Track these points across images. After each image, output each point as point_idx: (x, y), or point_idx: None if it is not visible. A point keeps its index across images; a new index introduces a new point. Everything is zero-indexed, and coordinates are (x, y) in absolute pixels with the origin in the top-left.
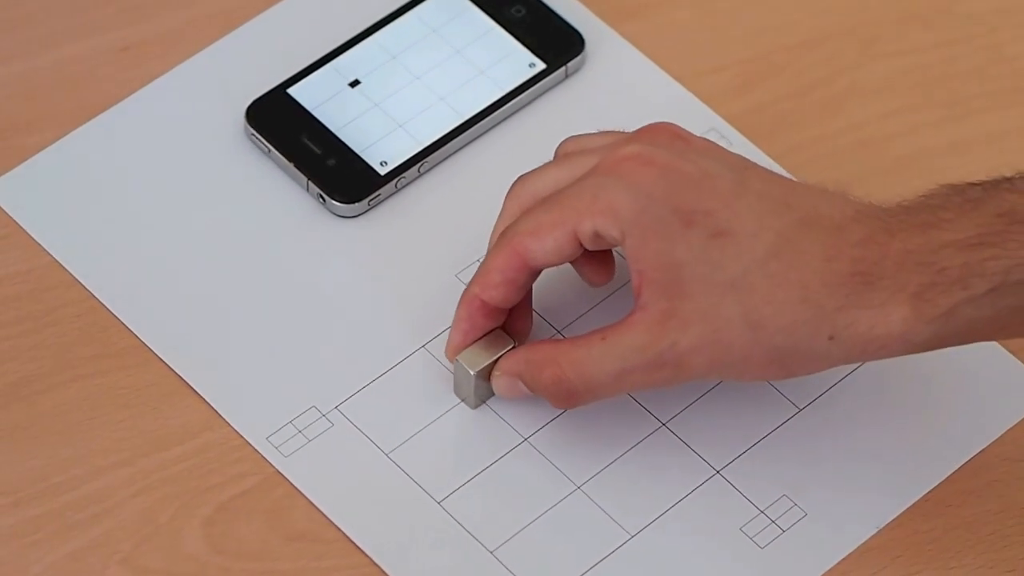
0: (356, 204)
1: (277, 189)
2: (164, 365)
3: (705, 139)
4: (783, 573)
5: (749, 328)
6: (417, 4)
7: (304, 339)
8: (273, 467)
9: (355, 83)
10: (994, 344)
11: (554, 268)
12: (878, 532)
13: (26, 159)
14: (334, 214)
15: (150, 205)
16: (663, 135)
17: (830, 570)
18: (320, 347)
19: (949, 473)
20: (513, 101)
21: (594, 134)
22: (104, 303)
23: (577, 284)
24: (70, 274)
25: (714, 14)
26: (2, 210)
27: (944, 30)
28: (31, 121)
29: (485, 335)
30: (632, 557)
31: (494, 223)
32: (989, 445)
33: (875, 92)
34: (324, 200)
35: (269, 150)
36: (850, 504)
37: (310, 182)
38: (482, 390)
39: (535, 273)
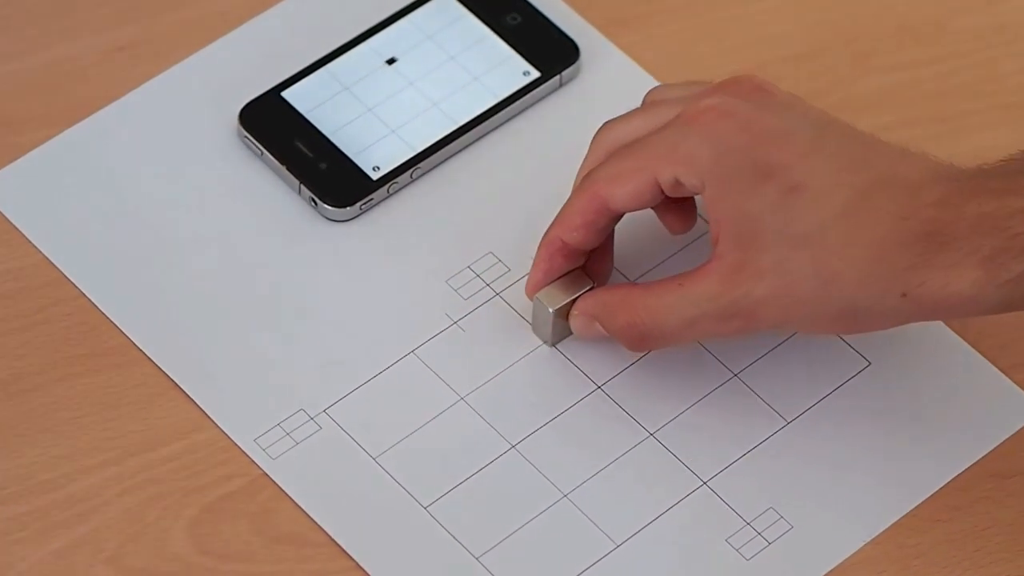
0: (348, 208)
1: (269, 192)
2: (153, 365)
3: (788, 92)
4: None
5: (821, 282)
6: (412, 10)
7: (293, 342)
8: (260, 469)
9: (392, 60)
10: (983, 360)
11: (637, 214)
12: (864, 546)
13: (18, 157)
14: (326, 218)
15: (142, 205)
16: (746, 87)
17: None
18: (309, 350)
19: (936, 489)
20: (507, 109)
21: (679, 84)
22: (94, 302)
23: (659, 231)
24: (61, 272)
25: (709, 25)
26: None
27: (938, 46)
28: (24, 119)
29: (565, 275)
30: (617, 567)
31: (577, 168)
32: (977, 461)
33: (868, 106)
34: (316, 204)
35: (262, 152)
36: (836, 517)
37: (302, 185)
38: (559, 328)
39: (615, 217)
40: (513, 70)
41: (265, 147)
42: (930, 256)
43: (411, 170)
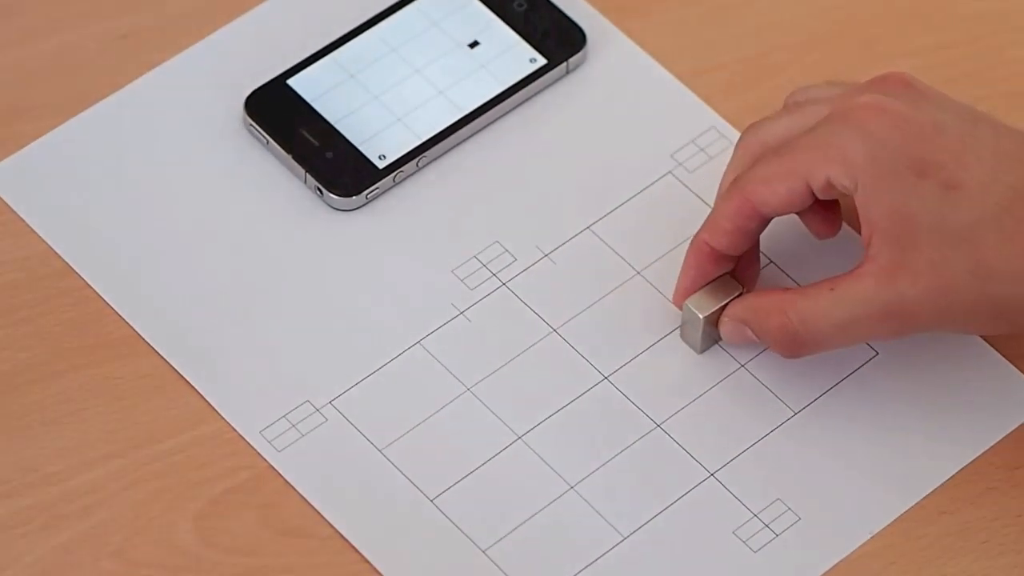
0: (354, 197)
1: (275, 181)
2: (159, 356)
3: (937, 90)
4: None
5: (978, 281)
6: None
7: (299, 333)
8: (266, 461)
9: (474, 44)
10: (991, 351)
11: (783, 218)
12: (872, 538)
13: (23, 146)
14: (331, 207)
15: (147, 194)
16: (896, 84)
17: (823, 575)
18: (315, 341)
19: (944, 480)
20: (513, 96)
21: (823, 83)
22: (99, 293)
23: (804, 235)
24: (65, 263)
25: (715, 12)
26: None
27: (945, 32)
28: (28, 108)
29: (713, 280)
30: (624, 559)
31: (724, 173)
32: (984, 452)
33: None
34: (322, 193)
35: (267, 141)
36: (844, 509)
37: (308, 174)
38: (709, 335)
39: (765, 222)
40: (520, 57)
41: (271, 136)
42: None
43: (417, 159)
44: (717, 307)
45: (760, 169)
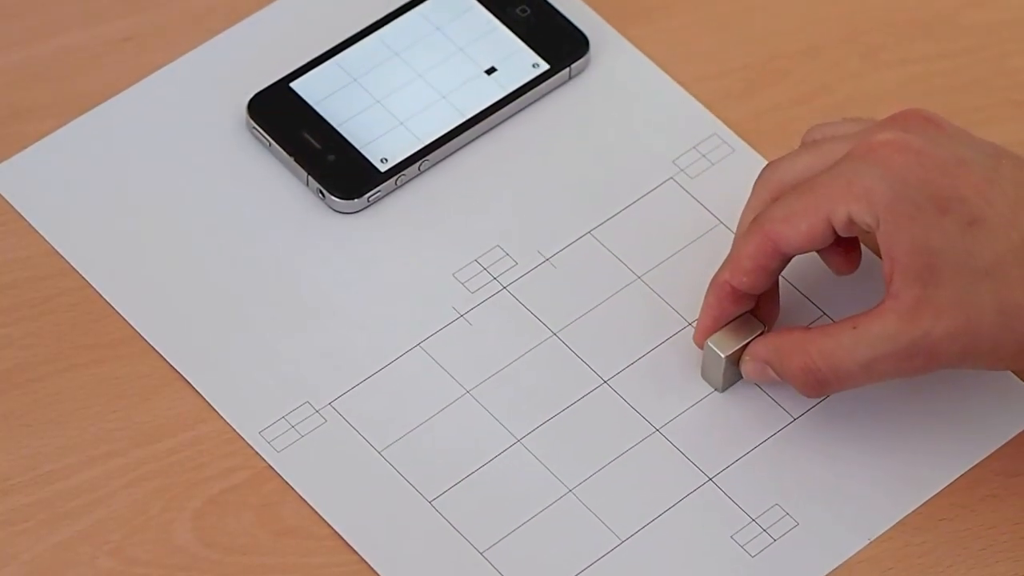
0: (355, 200)
1: (277, 183)
2: (159, 356)
3: (956, 125)
4: None
5: (1003, 317)
6: (421, 2)
7: (300, 334)
8: (265, 462)
9: (491, 71)
10: None
11: (802, 256)
12: (869, 544)
13: (26, 147)
14: (333, 210)
15: (149, 196)
16: (915, 120)
17: None
18: (316, 343)
19: (942, 486)
20: (515, 101)
21: (841, 120)
22: (100, 292)
23: (824, 272)
24: (67, 262)
25: (718, 18)
26: (0, 197)
27: (947, 41)
28: (31, 109)
29: (734, 320)
30: (622, 562)
31: (742, 212)
32: (983, 459)
33: (876, 101)
34: (324, 195)
35: (270, 144)
36: (842, 515)
37: (310, 177)
38: (731, 374)
39: (786, 260)
40: (522, 63)
41: (273, 138)
42: None
43: (419, 162)
44: (739, 346)
45: (781, 207)
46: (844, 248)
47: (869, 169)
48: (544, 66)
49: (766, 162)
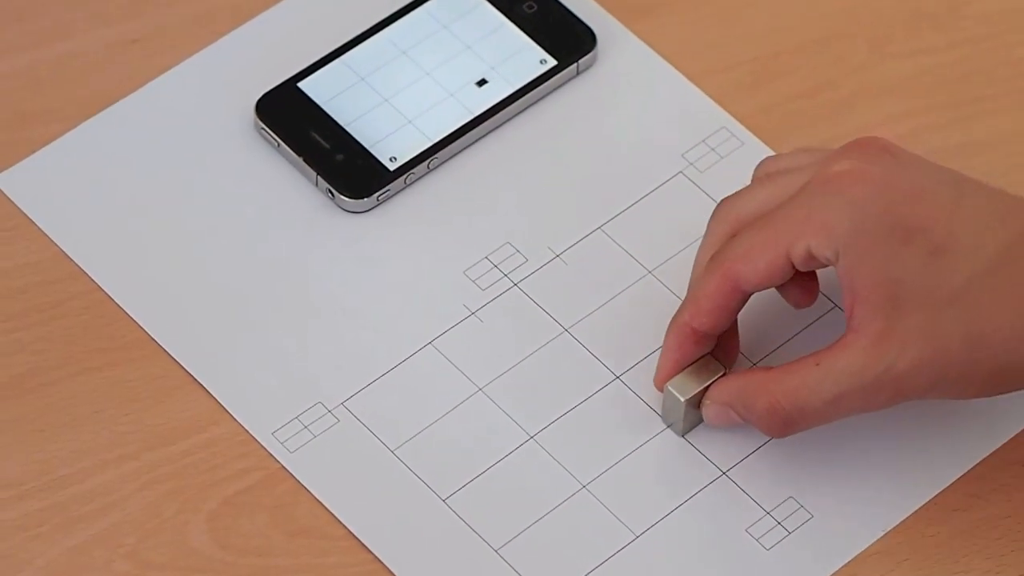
0: (365, 199)
1: (286, 183)
2: (170, 359)
3: (913, 153)
4: (788, 575)
5: (970, 345)
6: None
7: (311, 334)
8: (278, 463)
9: (482, 82)
10: None
11: (759, 293)
12: (884, 535)
13: (35, 151)
14: (343, 209)
15: (158, 198)
16: (873, 149)
17: (835, 573)
18: (327, 343)
19: (957, 477)
20: (524, 98)
21: (795, 152)
22: (111, 296)
23: (782, 308)
24: (77, 266)
25: (725, 13)
26: (10, 202)
27: (954, 31)
28: (40, 113)
29: (694, 362)
30: (637, 557)
31: (697, 250)
32: (997, 449)
33: (885, 93)
34: (333, 195)
35: (278, 144)
36: (857, 507)
37: (319, 177)
38: (692, 417)
39: (746, 297)
40: (530, 59)
41: (282, 139)
42: None
43: (428, 160)
44: (699, 389)
45: (738, 244)
46: (802, 281)
47: (827, 201)
48: (552, 62)
49: (759, 157)
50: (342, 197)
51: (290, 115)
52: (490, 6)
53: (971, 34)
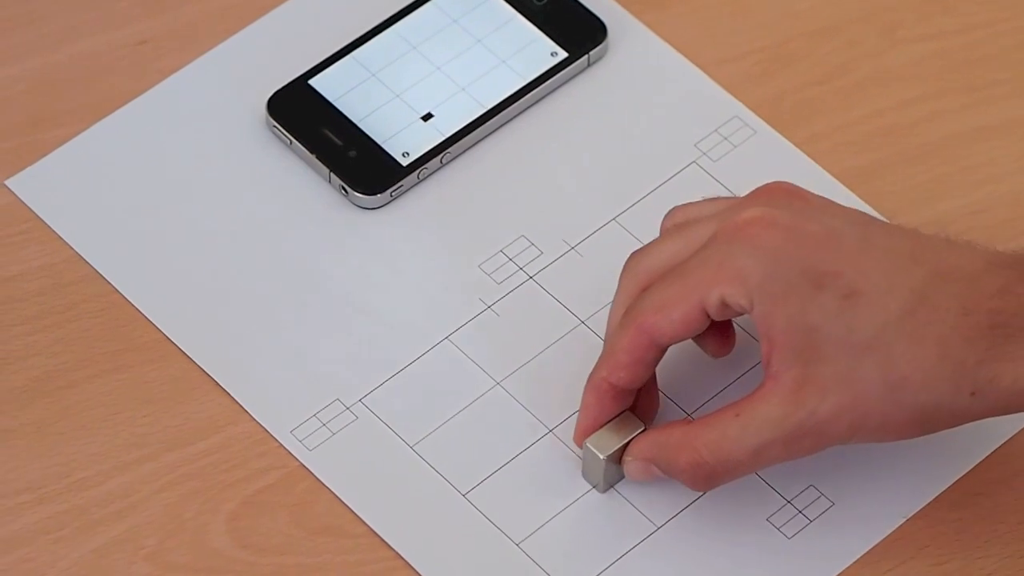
0: (378, 195)
1: (299, 181)
2: (187, 359)
3: (821, 196)
4: (810, 563)
5: (889, 389)
6: None
7: (327, 331)
8: (297, 461)
9: (428, 116)
10: None
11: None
12: (905, 522)
13: (47, 154)
14: (356, 206)
15: (172, 198)
16: (779, 194)
17: (857, 560)
18: (343, 340)
19: (977, 462)
20: (535, 91)
21: (702, 201)
22: (127, 297)
23: (698, 358)
24: (92, 268)
25: (736, 1)
26: (24, 205)
27: (966, 15)
28: (51, 116)
29: (613, 418)
30: (658, 549)
31: (611, 305)
32: (1016, 434)
33: (898, 78)
34: (346, 192)
35: (291, 142)
36: (877, 494)
37: (332, 174)
38: (612, 474)
39: (662, 350)
40: (540, 51)
41: (294, 136)
42: (997, 350)
43: (441, 155)
44: (618, 446)
45: (651, 297)
46: (718, 330)
47: (738, 249)
48: (563, 54)
49: (788, 144)
50: (355, 193)
51: (302, 113)
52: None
53: (983, 18)
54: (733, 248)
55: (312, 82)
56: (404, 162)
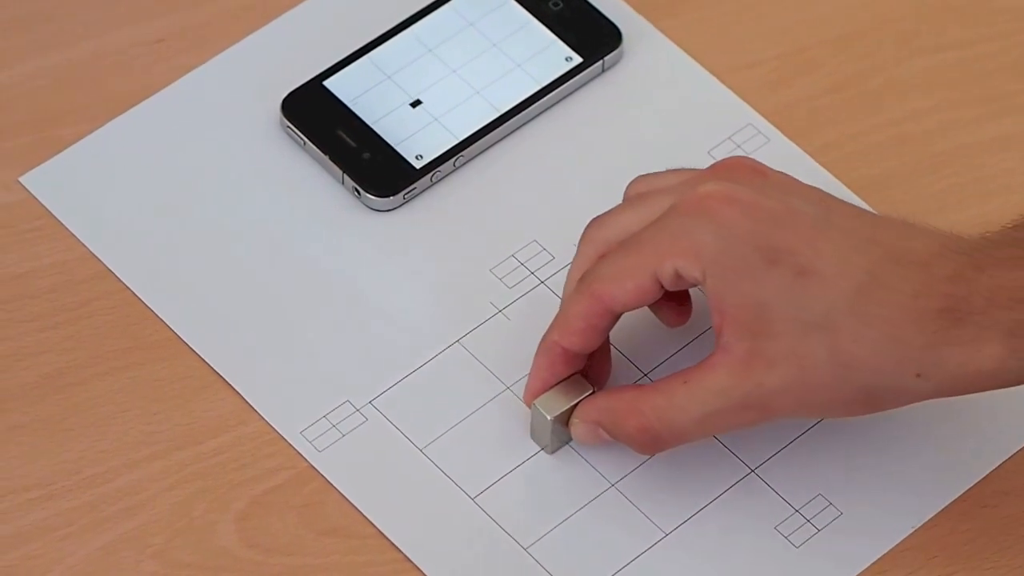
0: (391, 198)
1: (312, 182)
2: (198, 358)
3: (782, 173)
4: (818, 573)
5: (836, 367)
6: None
7: (338, 333)
8: (307, 461)
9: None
10: None
11: (633, 311)
12: (914, 532)
13: (61, 151)
14: (369, 208)
15: (185, 197)
16: (740, 170)
17: (865, 570)
18: (355, 341)
19: (986, 473)
20: (549, 95)
21: (664, 172)
22: (138, 295)
23: (655, 326)
24: (104, 266)
25: (750, 9)
26: (37, 201)
27: (982, 25)
28: (66, 112)
29: (563, 380)
30: (666, 555)
31: (568, 270)
32: None
33: (913, 88)
34: (359, 194)
35: (304, 143)
36: (886, 504)
37: (345, 175)
38: (560, 435)
39: (615, 318)
40: (555, 56)
41: (308, 137)
42: (945, 333)
43: (454, 158)
44: (566, 408)
45: (607, 265)
46: (674, 301)
47: (695, 222)
48: (577, 59)
49: (801, 152)
50: (368, 195)
51: (316, 114)
52: (516, 4)
53: (999, 28)
54: (690, 221)
55: (327, 83)
56: (418, 165)
